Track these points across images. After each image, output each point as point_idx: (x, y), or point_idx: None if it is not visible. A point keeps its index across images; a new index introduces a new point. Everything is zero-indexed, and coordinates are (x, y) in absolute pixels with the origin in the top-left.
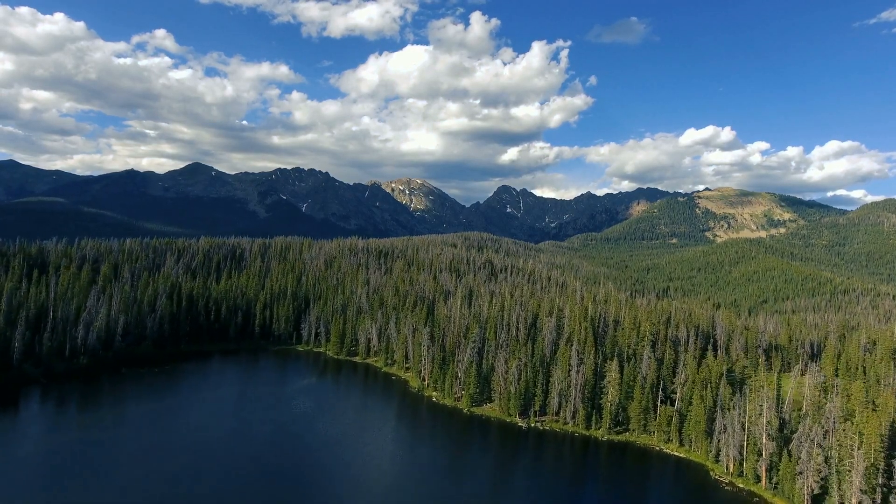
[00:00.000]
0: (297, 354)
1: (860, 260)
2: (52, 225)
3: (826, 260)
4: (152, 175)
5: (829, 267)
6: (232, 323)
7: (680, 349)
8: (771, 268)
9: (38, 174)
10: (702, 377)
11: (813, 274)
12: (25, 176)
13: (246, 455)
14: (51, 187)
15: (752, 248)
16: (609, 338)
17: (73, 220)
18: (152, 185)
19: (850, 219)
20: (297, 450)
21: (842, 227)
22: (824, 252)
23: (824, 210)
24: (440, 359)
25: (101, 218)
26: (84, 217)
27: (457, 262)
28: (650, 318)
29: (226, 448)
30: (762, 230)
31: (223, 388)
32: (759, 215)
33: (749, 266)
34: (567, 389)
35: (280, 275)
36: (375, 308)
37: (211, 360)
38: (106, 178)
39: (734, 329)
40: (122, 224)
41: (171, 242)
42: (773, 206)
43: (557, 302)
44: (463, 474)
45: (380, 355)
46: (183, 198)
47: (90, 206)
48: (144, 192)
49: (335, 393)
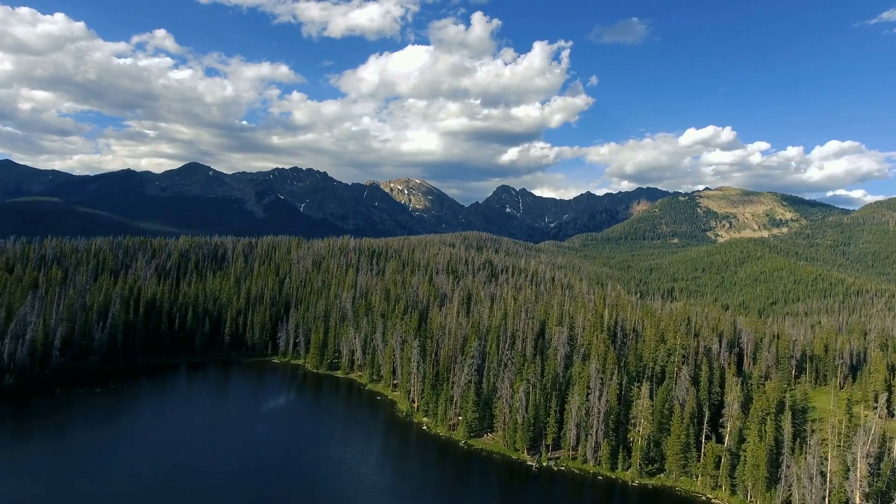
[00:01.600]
0: (273, 367)
1: (866, 260)
2: (46, 225)
3: (831, 260)
4: (149, 175)
5: (834, 267)
6: (198, 332)
7: (714, 365)
8: (778, 268)
9: (35, 174)
10: (759, 407)
11: (823, 274)
12: (21, 175)
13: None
14: (47, 187)
15: (756, 247)
16: (631, 351)
17: (67, 220)
18: (149, 185)
19: (855, 218)
20: (258, 497)
21: (846, 226)
22: (829, 252)
23: (827, 209)
24: (432, 377)
25: (96, 218)
26: (79, 217)
27: (455, 262)
28: (674, 326)
29: (166, 497)
30: (764, 230)
31: (175, 411)
32: (761, 215)
33: (755, 266)
34: (586, 419)
35: (260, 277)
36: (361, 315)
37: (170, 376)
38: (102, 178)
39: (761, 336)
40: (117, 224)
41: (146, 241)
42: (775, 206)
43: (567, 308)
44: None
45: (364, 370)
46: (180, 197)
47: (86, 206)
48: (141, 192)
49: (308, 417)
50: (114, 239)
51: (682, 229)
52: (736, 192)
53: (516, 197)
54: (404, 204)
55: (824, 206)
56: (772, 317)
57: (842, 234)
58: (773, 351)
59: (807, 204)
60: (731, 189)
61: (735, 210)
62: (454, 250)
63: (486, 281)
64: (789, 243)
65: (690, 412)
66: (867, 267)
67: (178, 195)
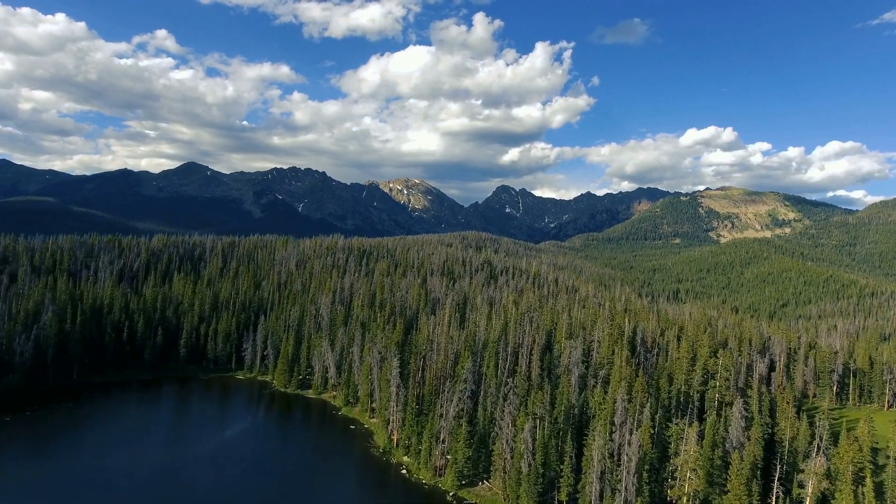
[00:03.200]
0: (236, 385)
1: (873, 260)
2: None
3: (837, 260)
4: (146, 175)
5: (841, 267)
6: (148, 343)
7: (762, 390)
8: (786, 269)
9: (32, 173)
10: (848, 457)
11: (834, 275)
12: (18, 175)
13: None
14: (43, 186)
15: (761, 248)
16: (659, 372)
17: (61, 220)
18: (146, 185)
19: (860, 218)
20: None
21: (852, 226)
22: (835, 252)
23: (830, 209)
24: (415, 405)
25: (90, 217)
26: (73, 216)
27: (451, 262)
28: (708, 338)
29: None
30: (767, 230)
31: (102, 446)
32: (764, 215)
33: (762, 267)
34: (612, 466)
35: (234, 279)
36: (338, 323)
37: (109, 398)
38: (99, 178)
39: (794, 346)
40: (112, 223)
41: (114, 240)
42: (777, 206)
43: (578, 316)
44: None
45: (339, 390)
46: (177, 197)
47: (81, 206)
48: (138, 192)
49: (267, 453)
50: (77, 237)
51: (683, 229)
52: (739, 191)
53: (516, 197)
54: (403, 204)
55: (827, 206)
56: (783, 320)
57: (847, 234)
58: (812, 364)
59: (809, 204)
60: (733, 189)
61: (737, 210)
62: (451, 250)
63: (484, 283)
64: (794, 243)
65: (752, 460)
66: (874, 267)
67: (175, 195)
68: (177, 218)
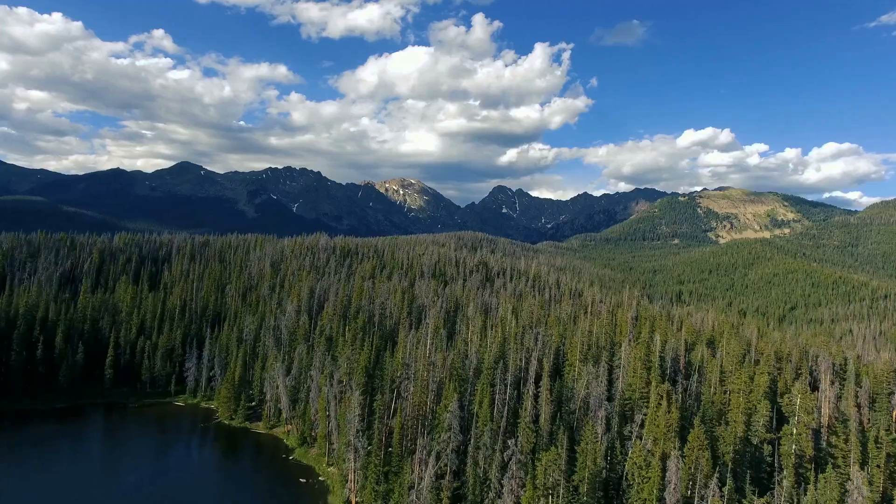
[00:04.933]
0: (174, 414)
1: (876, 261)
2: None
3: (840, 261)
4: (139, 174)
5: (844, 268)
6: (65, 363)
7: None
8: (793, 270)
9: (23, 173)
10: None
11: (844, 277)
12: (9, 174)
13: None
14: (34, 186)
15: (763, 248)
16: (704, 409)
17: (50, 219)
18: (139, 185)
19: (862, 218)
20: None
21: (853, 227)
22: (837, 253)
23: (829, 210)
24: (379, 462)
25: (80, 217)
26: (63, 216)
27: (443, 263)
28: (767, 363)
29: None
30: (766, 230)
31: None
32: (763, 215)
33: (766, 268)
34: None
35: (196, 283)
36: (299, 339)
37: (2, 434)
38: (91, 178)
39: (838, 362)
40: (102, 223)
41: (66, 238)
42: (776, 206)
43: (594, 330)
44: None
45: (294, 424)
46: (170, 197)
47: (72, 205)
48: (130, 192)
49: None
50: (23, 235)
51: (682, 230)
52: (738, 192)
53: (513, 197)
54: (400, 204)
55: (826, 206)
56: (795, 324)
57: (849, 234)
58: (867, 385)
59: (809, 204)
60: (732, 189)
61: (736, 210)
62: (444, 250)
63: (479, 286)
64: (795, 244)
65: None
66: (877, 268)
67: (168, 195)
68: (169, 218)
